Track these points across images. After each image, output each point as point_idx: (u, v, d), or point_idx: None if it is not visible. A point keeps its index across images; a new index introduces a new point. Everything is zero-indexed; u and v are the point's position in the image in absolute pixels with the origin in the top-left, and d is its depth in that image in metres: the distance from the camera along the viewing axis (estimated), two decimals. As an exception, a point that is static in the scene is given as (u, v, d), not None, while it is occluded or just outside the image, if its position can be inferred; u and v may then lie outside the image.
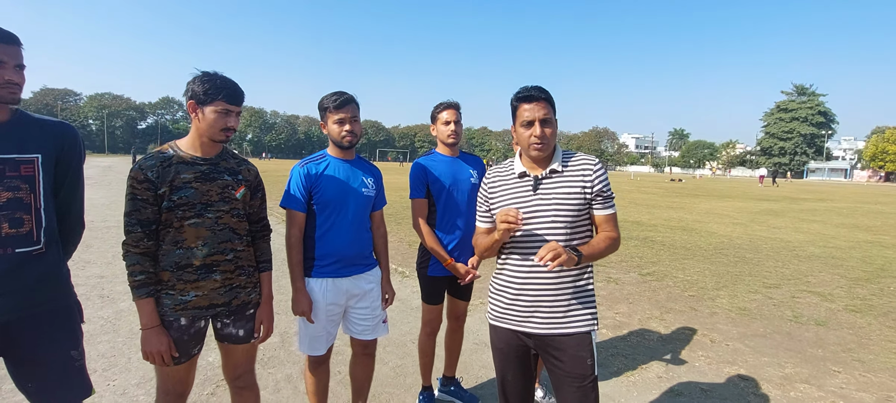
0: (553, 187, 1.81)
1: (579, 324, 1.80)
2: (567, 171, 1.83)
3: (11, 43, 1.52)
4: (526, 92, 1.80)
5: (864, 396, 3.16)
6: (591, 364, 1.78)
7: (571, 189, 1.80)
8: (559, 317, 1.80)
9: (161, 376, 1.88)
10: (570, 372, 1.78)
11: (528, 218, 1.80)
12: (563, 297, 1.80)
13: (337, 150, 2.28)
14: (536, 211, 1.80)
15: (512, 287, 1.85)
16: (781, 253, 8.06)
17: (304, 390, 3.04)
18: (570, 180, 1.81)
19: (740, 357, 3.71)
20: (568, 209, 1.78)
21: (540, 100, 1.78)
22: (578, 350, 1.78)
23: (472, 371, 3.39)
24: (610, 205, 1.83)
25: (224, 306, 1.88)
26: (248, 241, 1.99)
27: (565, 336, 1.79)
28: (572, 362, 1.78)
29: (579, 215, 1.80)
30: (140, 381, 3.11)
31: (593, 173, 1.80)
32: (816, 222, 12.94)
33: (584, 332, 1.79)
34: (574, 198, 1.79)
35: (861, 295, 5.54)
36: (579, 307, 1.81)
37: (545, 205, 1.80)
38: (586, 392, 1.76)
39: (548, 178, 1.83)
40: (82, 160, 1.79)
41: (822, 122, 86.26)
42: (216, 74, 1.81)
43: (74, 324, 1.74)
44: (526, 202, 1.83)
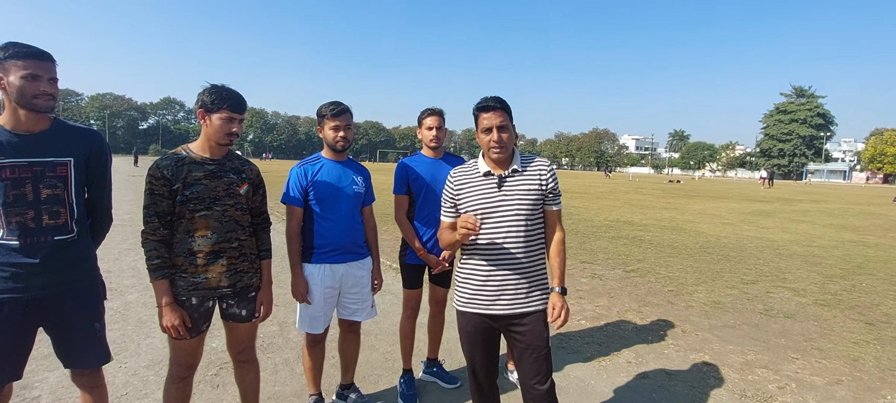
0: (515, 185, 2.08)
1: (537, 303, 2.08)
2: (526, 172, 2.11)
3: (45, 59, 1.79)
4: (484, 102, 2.08)
5: (815, 379, 3.44)
6: (547, 337, 2.07)
7: (530, 186, 2.08)
8: (522, 298, 2.07)
9: (174, 349, 2.16)
10: (531, 344, 2.05)
11: (493, 211, 2.06)
12: (524, 281, 2.07)
13: (331, 153, 2.59)
14: (501, 205, 2.07)
15: (479, 274, 2.10)
16: (765, 252, 8.33)
17: (300, 371, 3.32)
18: (530, 179, 2.09)
19: (707, 346, 3.99)
20: (528, 203, 2.06)
21: (497, 109, 2.04)
22: (536, 325, 2.06)
23: (456, 356, 3.66)
24: (558, 202, 2.14)
25: (229, 288, 2.15)
26: (250, 232, 2.27)
27: (527, 314, 2.07)
28: (532, 335, 2.05)
29: (536, 208, 2.09)
30: (149, 364, 3.38)
31: (547, 173, 2.11)
32: (805, 223, 13.21)
33: (541, 310, 2.08)
34: (532, 194, 2.07)
35: (833, 291, 5.82)
36: (536, 289, 2.09)
37: (509, 200, 2.06)
38: (543, 359, 2.05)
39: (510, 177, 2.09)
40: (109, 162, 2.07)
41: (821, 124, 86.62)
42: (222, 87, 2.10)
43: (98, 301, 2.03)
44: (492, 197, 2.08)
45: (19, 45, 1.75)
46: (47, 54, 1.80)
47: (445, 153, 3.11)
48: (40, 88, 1.77)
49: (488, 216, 2.07)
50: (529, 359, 2.07)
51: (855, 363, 3.73)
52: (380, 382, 3.26)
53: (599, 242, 8.90)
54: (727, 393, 3.20)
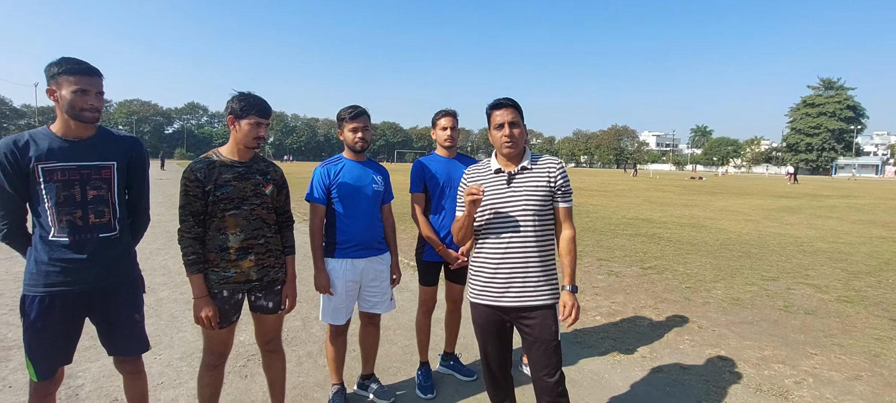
0: (524, 181, 2.16)
1: (546, 297, 2.13)
2: (535, 169, 2.18)
3: (93, 74, 1.96)
4: (497, 101, 2.19)
5: (834, 375, 3.42)
6: (556, 331, 2.13)
7: (539, 182, 2.15)
8: (530, 292, 2.12)
9: (207, 338, 2.32)
10: (539, 337, 2.13)
11: (503, 207, 2.15)
12: (533, 276, 2.13)
13: (351, 154, 2.73)
14: (510, 201, 2.15)
15: (489, 267, 2.18)
16: (787, 249, 8.18)
17: (322, 363, 3.47)
18: (538, 175, 2.16)
19: (724, 341, 3.99)
20: (536, 199, 2.13)
21: (508, 106, 2.15)
22: (545, 319, 2.12)
23: (472, 351, 3.75)
24: (568, 199, 2.19)
25: (257, 282, 2.30)
26: (275, 230, 2.41)
27: (535, 308, 2.13)
28: (540, 328, 2.12)
29: (545, 204, 2.15)
30: (182, 355, 3.58)
31: (556, 170, 2.17)
32: (832, 219, 12.87)
33: (550, 304, 2.13)
34: (541, 190, 2.14)
35: (857, 287, 5.71)
36: (545, 284, 2.13)
37: (517, 196, 2.14)
38: (552, 352, 2.12)
39: (519, 174, 2.18)
40: (147, 166, 2.24)
41: (852, 117, 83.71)
42: (249, 94, 2.24)
43: (138, 294, 2.20)
44: (501, 193, 2.17)
45: (71, 61, 1.92)
46: (96, 70, 1.97)
47: (459, 153, 3.21)
48: (89, 102, 1.93)
49: (498, 211, 2.16)
50: (538, 352, 2.14)
51: (876, 358, 3.70)
52: (398, 374, 3.38)
53: (617, 240, 8.87)
54: (742, 388, 3.22)
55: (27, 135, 1.93)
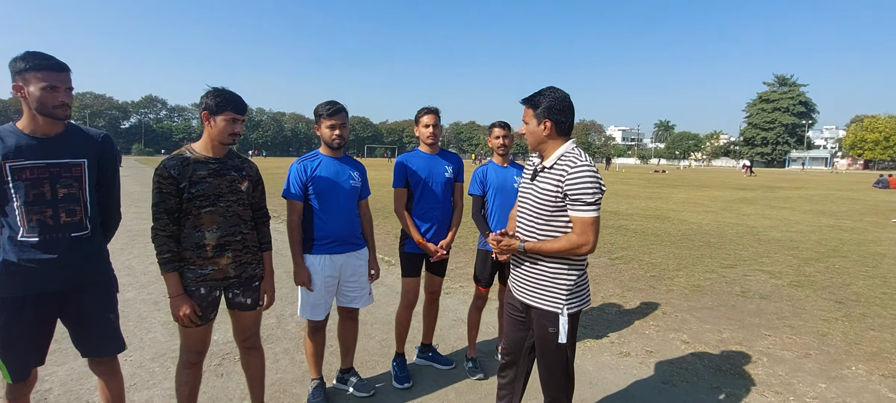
0: (541, 182, 2.08)
1: (546, 303, 2.09)
2: (553, 170, 2.03)
3: (62, 70, 1.91)
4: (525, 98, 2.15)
5: (785, 354, 3.68)
6: (554, 334, 2.07)
7: (549, 186, 2.03)
8: (531, 292, 2.15)
9: (185, 337, 2.29)
10: (539, 336, 2.17)
11: (523, 200, 2.18)
12: (536, 277, 2.12)
13: (328, 150, 2.73)
14: (527, 196, 2.16)
15: (514, 262, 2.25)
16: (744, 238, 8.64)
17: (300, 359, 3.47)
18: (551, 178, 2.03)
19: (686, 326, 4.22)
20: (543, 201, 2.04)
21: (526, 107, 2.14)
22: (543, 320, 2.11)
23: (448, 342, 3.84)
24: (578, 209, 1.94)
25: (235, 278, 2.29)
26: (251, 226, 2.40)
27: (534, 309, 2.15)
28: (539, 329, 2.15)
29: (555, 211, 2.02)
30: (154, 356, 3.50)
31: (567, 175, 1.95)
32: (786, 209, 13.62)
33: (547, 310, 2.08)
34: (549, 194, 2.02)
35: (807, 273, 6.11)
36: (547, 290, 2.09)
37: (532, 193, 2.12)
38: (553, 353, 2.14)
39: (541, 173, 2.10)
40: (118, 163, 2.19)
41: (803, 112, 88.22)
42: (224, 90, 2.22)
43: (112, 293, 2.16)
44: (526, 188, 2.19)
45: (39, 56, 1.86)
46: (64, 65, 1.91)
47: (441, 149, 3.26)
48: (59, 99, 1.88)
49: (520, 205, 2.22)
50: (538, 350, 2.21)
51: (823, 337, 3.99)
52: (377, 367, 3.42)
53: (586, 232, 9.12)
54: (704, 368, 3.42)
55: None
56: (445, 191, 3.17)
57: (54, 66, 1.87)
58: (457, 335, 3.99)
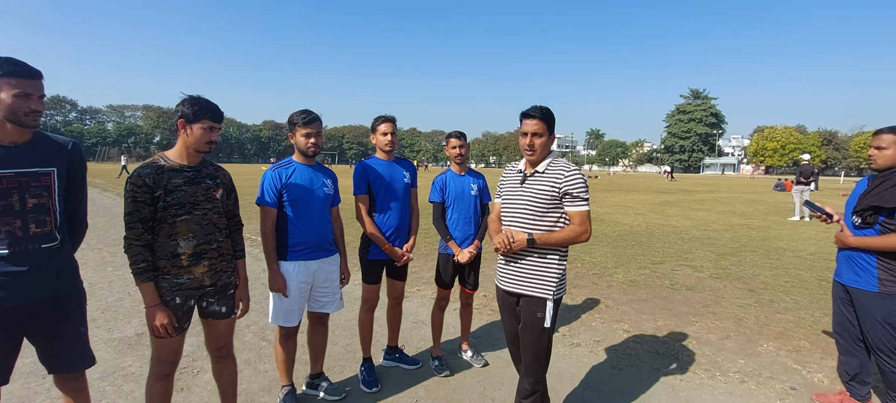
0: (534, 184, 2.35)
1: (538, 291, 2.33)
2: (547, 174, 2.34)
3: (35, 77, 1.85)
4: (527, 110, 2.33)
5: (710, 336, 4.18)
6: (541, 319, 2.32)
7: (544, 187, 2.31)
8: (525, 283, 2.37)
9: (158, 347, 2.25)
10: (527, 322, 2.37)
11: (513, 202, 2.41)
12: (530, 269, 2.36)
13: (302, 157, 2.78)
14: (519, 199, 2.38)
15: (503, 255, 2.44)
16: (670, 237, 9.50)
17: (263, 370, 3.45)
18: (546, 181, 2.32)
19: (626, 317, 4.64)
20: (540, 202, 2.32)
21: (536, 118, 2.30)
22: (534, 307, 2.34)
23: (412, 344, 3.96)
24: (577, 204, 2.27)
25: (210, 287, 2.29)
26: (226, 234, 2.41)
27: (527, 297, 2.37)
28: (527, 315, 2.37)
29: (550, 208, 2.31)
30: (102, 375, 3.31)
31: (564, 178, 2.28)
32: (702, 210, 15.05)
33: (540, 297, 2.33)
34: (545, 195, 2.31)
35: (723, 266, 6.88)
36: (539, 279, 2.34)
37: (525, 196, 2.36)
38: (537, 337, 2.35)
39: (532, 177, 2.37)
40: (86, 171, 2.12)
41: (715, 123, 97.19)
42: (201, 98, 2.23)
43: (82, 307, 2.09)
44: (515, 190, 2.43)
45: (11, 62, 1.78)
46: (37, 72, 1.85)
47: (397, 157, 3.38)
48: (31, 107, 1.82)
49: (510, 207, 2.43)
50: (525, 335, 2.39)
51: (740, 321, 4.56)
52: (344, 371, 3.47)
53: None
54: (643, 351, 3.82)
55: None
56: (404, 196, 3.30)
57: (27, 73, 1.81)
58: (420, 336, 4.12)
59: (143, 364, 3.51)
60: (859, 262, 2.77)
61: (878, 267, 2.68)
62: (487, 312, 4.75)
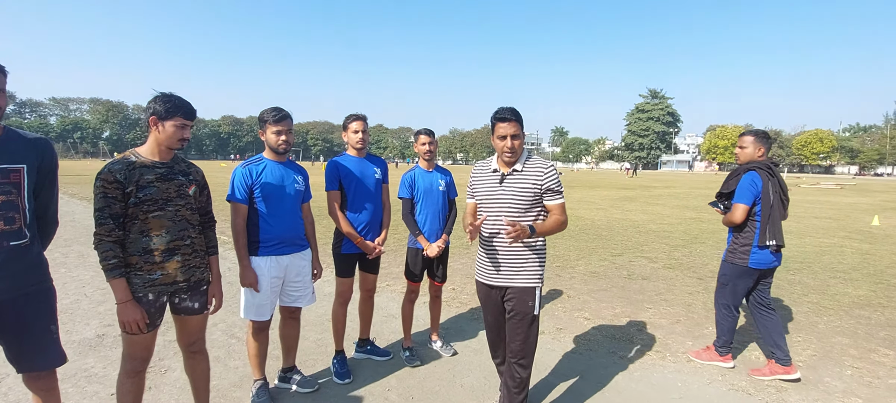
0: (514, 182, 2.48)
1: (526, 280, 2.49)
2: (525, 171, 2.47)
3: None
4: (502, 113, 2.43)
5: (662, 321, 4.48)
6: (532, 306, 2.48)
7: (526, 185, 2.45)
8: (512, 275, 2.50)
9: (129, 344, 2.25)
10: (516, 310, 2.49)
11: (494, 202, 2.51)
12: (516, 262, 2.49)
13: (273, 154, 2.82)
14: (500, 198, 2.50)
15: (484, 251, 2.56)
16: (628, 231, 9.95)
17: (232, 366, 3.46)
18: (527, 178, 2.46)
19: (587, 306, 4.90)
20: (522, 199, 2.45)
21: (512, 120, 2.41)
22: (524, 296, 2.48)
23: (383, 336, 4.06)
24: (558, 197, 2.47)
25: (184, 282, 2.31)
26: (199, 230, 2.43)
27: (515, 288, 2.50)
28: (520, 305, 2.48)
29: (532, 204, 2.46)
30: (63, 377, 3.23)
31: (544, 175, 2.45)
32: (659, 205, 15.78)
33: (530, 286, 2.49)
34: (527, 192, 2.45)
35: (676, 257, 7.31)
36: (526, 269, 2.49)
37: (506, 195, 2.48)
38: (528, 324, 2.49)
39: (511, 176, 2.49)
40: (57, 168, 2.10)
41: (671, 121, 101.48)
42: (173, 95, 2.25)
43: (52, 304, 2.07)
44: (494, 190, 2.52)
45: None
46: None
47: (368, 153, 3.47)
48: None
49: (490, 206, 2.53)
50: (513, 323, 2.52)
51: (689, 307, 4.90)
52: (316, 365, 3.53)
53: (497, 230, 9.83)
54: (602, 337, 4.06)
55: None
56: (375, 192, 3.39)
57: None
58: (390, 329, 4.22)
59: (105, 366, 3.45)
60: (728, 240, 3.56)
61: (730, 241, 3.50)
62: (456, 305, 4.89)
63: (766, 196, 3.31)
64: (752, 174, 3.36)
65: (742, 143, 3.51)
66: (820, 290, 5.59)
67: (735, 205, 3.36)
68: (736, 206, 3.36)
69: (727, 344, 3.56)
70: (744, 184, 3.34)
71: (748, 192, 3.32)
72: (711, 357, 3.58)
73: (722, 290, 3.56)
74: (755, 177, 3.35)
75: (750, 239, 3.36)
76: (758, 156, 3.45)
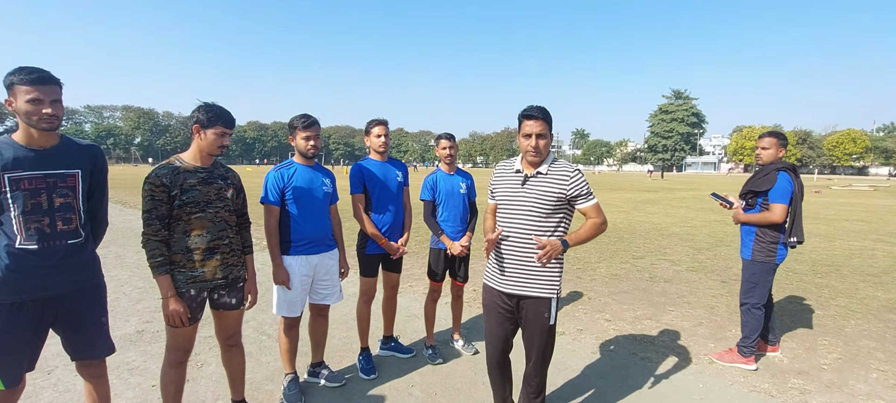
0: (537, 185, 2.35)
1: (541, 290, 2.36)
2: (550, 175, 2.34)
3: (48, 83, 1.97)
4: (529, 111, 2.32)
5: (684, 323, 4.47)
6: (548, 317, 2.38)
7: (550, 189, 2.31)
8: (526, 283, 2.37)
9: (172, 336, 2.42)
10: (531, 321, 2.40)
11: (514, 204, 2.38)
12: (533, 270, 2.35)
13: (302, 159, 2.97)
14: (521, 200, 2.36)
15: (499, 254, 2.44)
16: (651, 233, 9.86)
17: (264, 361, 3.62)
18: (551, 182, 2.33)
19: (608, 307, 4.92)
20: (544, 203, 2.32)
21: (539, 118, 2.30)
22: (539, 307, 2.37)
23: (406, 335, 4.17)
24: (590, 200, 2.35)
25: (223, 279, 2.47)
26: (236, 231, 2.59)
27: (530, 298, 2.38)
28: (533, 314, 2.39)
29: (555, 209, 2.33)
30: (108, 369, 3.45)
31: (570, 180, 2.32)
32: (683, 208, 15.53)
33: (544, 297, 2.37)
34: (551, 197, 2.31)
35: (700, 260, 7.23)
36: (542, 279, 2.36)
37: (528, 197, 2.35)
38: (543, 333, 2.41)
39: (534, 178, 2.36)
40: (106, 172, 2.29)
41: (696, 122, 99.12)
42: (215, 105, 2.42)
43: (103, 298, 2.26)
44: (515, 192, 2.39)
45: (25, 70, 1.93)
46: (51, 78, 1.99)
47: (390, 157, 3.59)
48: (43, 111, 1.94)
49: (510, 208, 2.40)
50: (529, 334, 2.44)
51: (712, 310, 4.87)
52: (343, 361, 3.66)
53: (517, 233, 9.87)
54: (623, 338, 4.09)
55: None
56: (398, 194, 3.51)
57: (39, 80, 1.92)
58: (413, 328, 4.33)
59: (145, 359, 3.65)
60: (744, 238, 3.63)
61: (754, 239, 3.53)
62: (477, 305, 4.98)
63: (796, 195, 3.44)
64: (785, 174, 3.44)
65: (765, 144, 3.61)
66: (848, 294, 5.47)
67: (774, 205, 3.41)
68: (776, 206, 3.40)
69: (752, 346, 3.55)
70: (782, 184, 3.40)
71: (786, 192, 3.40)
72: (734, 359, 3.58)
73: (753, 291, 3.55)
74: (787, 177, 3.43)
75: (777, 237, 3.46)
76: (779, 157, 3.58)
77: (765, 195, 3.49)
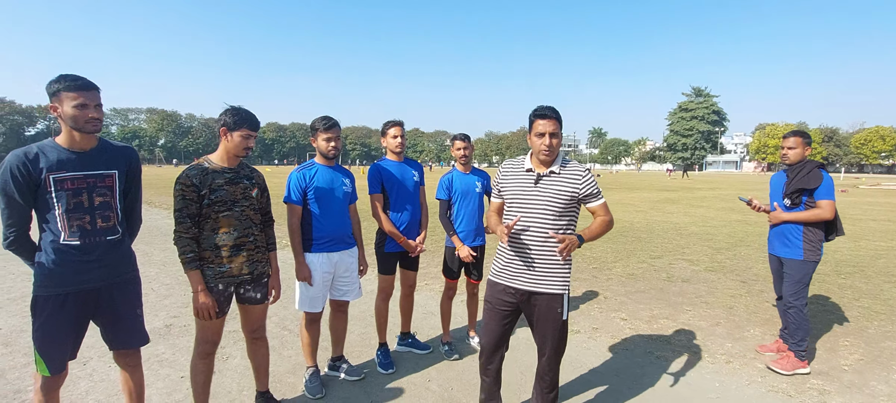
0: (550, 185, 2.38)
1: (553, 287, 2.40)
2: (563, 174, 2.38)
3: (91, 89, 2.12)
4: (541, 110, 2.36)
5: (702, 323, 4.45)
6: (560, 313, 2.42)
7: (563, 189, 2.36)
8: (539, 280, 2.40)
9: (201, 329, 2.55)
10: (543, 317, 2.44)
11: (526, 203, 2.40)
12: (545, 267, 2.39)
13: (323, 159, 3.08)
14: (534, 199, 2.39)
15: (509, 251, 2.46)
16: (669, 233, 9.76)
17: (286, 355, 3.74)
18: (564, 182, 2.37)
19: (624, 306, 4.92)
20: (557, 203, 2.36)
21: (552, 118, 2.34)
22: (552, 303, 2.41)
23: (423, 332, 4.25)
24: (599, 199, 2.43)
25: (249, 275, 2.59)
26: (261, 228, 2.71)
27: (543, 294, 2.41)
28: (546, 310, 2.42)
29: (567, 208, 2.38)
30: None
31: (582, 180, 2.38)
32: (702, 208, 15.29)
33: (556, 294, 2.40)
34: (564, 196, 2.36)
35: (719, 260, 7.14)
36: (554, 275, 2.40)
37: (541, 197, 2.38)
38: (557, 329, 2.45)
39: (547, 177, 2.39)
40: (140, 172, 2.42)
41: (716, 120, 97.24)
42: (241, 108, 2.53)
43: (139, 291, 2.39)
44: (527, 191, 2.41)
45: (69, 78, 2.07)
46: (93, 84, 2.14)
47: (405, 157, 3.67)
48: (89, 115, 2.09)
49: (522, 207, 2.42)
50: (540, 331, 2.48)
51: (730, 310, 4.83)
52: (362, 356, 3.76)
53: (533, 232, 9.88)
54: (639, 337, 4.10)
55: (36, 148, 2.07)
56: (414, 193, 3.59)
57: (83, 86, 2.07)
58: (430, 325, 4.41)
59: (174, 352, 3.81)
60: (789, 237, 3.55)
61: (803, 238, 3.47)
62: (492, 303, 5.03)
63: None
64: (824, 171, 3.46)
65: (791, 144, 3.59)
66: (873, 295, 5.36)
67: (823, 201, 3.39)
68: (825, 202, 3.39)
69: (804, 349, 3.48)
70: (828, 182, 3.40)
71: (832, 189, 3.42)
72: (795, 366, 3.44)
73: (803, 290, 3.48)
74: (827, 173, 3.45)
75: (820, 235, 3.47)
76: (805, 155, 3.58)
77: (809, 193, 3.45)
